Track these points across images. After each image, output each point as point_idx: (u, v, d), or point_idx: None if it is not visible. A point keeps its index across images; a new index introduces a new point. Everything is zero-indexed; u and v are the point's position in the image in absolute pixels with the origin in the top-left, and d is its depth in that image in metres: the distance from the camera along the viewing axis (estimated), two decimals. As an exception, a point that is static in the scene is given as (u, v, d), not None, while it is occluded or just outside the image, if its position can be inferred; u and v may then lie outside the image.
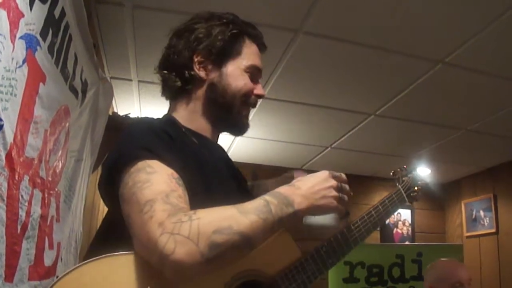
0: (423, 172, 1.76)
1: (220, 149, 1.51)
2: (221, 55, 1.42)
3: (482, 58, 3.13)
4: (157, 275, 1.02)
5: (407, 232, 6.13)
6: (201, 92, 1.43)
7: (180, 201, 1.06)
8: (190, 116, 1.43)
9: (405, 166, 1.79)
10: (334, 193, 1.27)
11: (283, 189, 1.21)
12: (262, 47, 1.53)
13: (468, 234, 5.86)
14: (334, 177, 1.30)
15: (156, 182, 1.08)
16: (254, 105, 1.49)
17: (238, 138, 4.70)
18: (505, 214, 5.39)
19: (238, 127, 1.49)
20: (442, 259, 2.80)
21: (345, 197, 1.31)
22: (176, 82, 1.44)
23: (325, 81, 3.55)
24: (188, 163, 1.22)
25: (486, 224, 5.61)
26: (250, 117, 1.52)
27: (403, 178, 1.72)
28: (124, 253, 1.06)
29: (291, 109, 4.04)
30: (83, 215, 2.63)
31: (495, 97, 3.71)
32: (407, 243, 5.92)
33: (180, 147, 1.25)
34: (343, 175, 1.35)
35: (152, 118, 1.34)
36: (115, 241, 1.08)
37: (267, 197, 1.16)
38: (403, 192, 1.63)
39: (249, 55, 1.45)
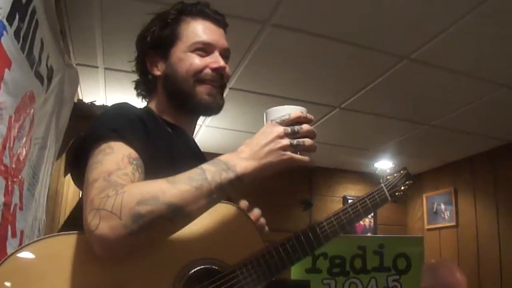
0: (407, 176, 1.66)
1: (192, 140, 1.51)
2: (163, 47, 1.42)
3: (446, 56, 3.19)
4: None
5: (370, 224, 6.22)
6: (161, 87, 1.44)
7: (122, 179, 1.04)
8: (163, 110, 1.44)
9: (393, 165, 1.68)
10: (282, 142, 1.13)
11: (224, 156, 1.13)
12: (210, 17, 1.46)
13: (429, 227, 5.99)
14: (281, 123, 1.16)
15: (106, 162, 1.07)
16: (214, 81, 1.40)
17: (204, 128, 4.70)
18: (465, 208, 5.53)
19: (203, 107, 1.41)
20: (439, 260, 2.80)
21: (304, 141, 1.15)
22: (143, 84, 1.49)
23: (292, 73, 3.57)
24: (159, 150, 1.23)
25: (446, 217, 5.74)
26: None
27: (388, 177, 1.59)
28: (70, 233, 1.06)
29: (257, 100, 4.05)
30: (47, 203, 2.59)
31: (458, 93, 3.80)
32: (369, 234, 6.01)
33: (153, 134, 1.25)
34: (296, 113, 1.18)
35: (129, 104, 1.32)
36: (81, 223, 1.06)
37: (204, 165, 1.09)
38: (386, 190, 1.50)
39: (190, 34, 1.41)
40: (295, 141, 1.14)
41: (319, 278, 4.64)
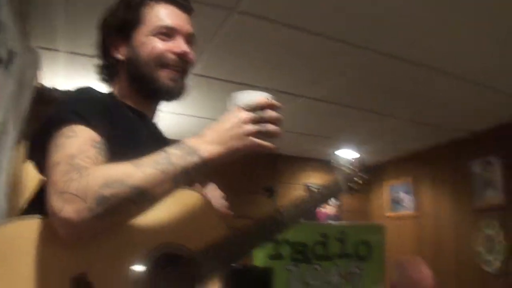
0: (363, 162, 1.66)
1: (155, 125, 1.50)
2: (126, 31, 1.40)
3: (410, 48, 3.23)
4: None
5: (333, 212, 6.29)
6: (124, 72, 1.42)
7: (86, 162, 1.03)
8: (125, 95, 1.42)
9: (352, 158, 1.65)
10: (247, 128, 1.14)
11: (189, 139, 1.14)
12: (175, 2, 1.44)
13: (391, 215, 6.09)
14: (247, 108, 1.17)
15: (68, 145, 1.06)
16: (177, 66, 1.40)
17: (166, 114, 4.66)
18: (426, 197, 5.65)
19: (165, 92, 1.39)
20: (406, 256, 2.86)
21: (268, 126, 1.17)
22: (105, 69, 1.47)
23: (257, 61, 3.57)
24: (122, 134, 1.22)
25: (407, 206, 5.85)
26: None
27: (342, 168, 1.60)
28: (34, 216, 1.05)
29: (222, 87, 4.04)
30: (6, 189, 2.54)
31: (418, 85, 3.86)
32: (331, 222, 6.07)
33: (116, 118, 1.24)
34: (262, 99, 1.20)
35: (94, 88, 1.31)
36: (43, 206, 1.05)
37: (169, 148, 1.10)
38: (343, 182, 1.52)
39: (153, 18, 1.39)
40: (259, 127, 1.15)
41: (282, 264, 4.68)
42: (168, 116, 4.76)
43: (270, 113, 1.18)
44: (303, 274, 4.71)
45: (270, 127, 1.17)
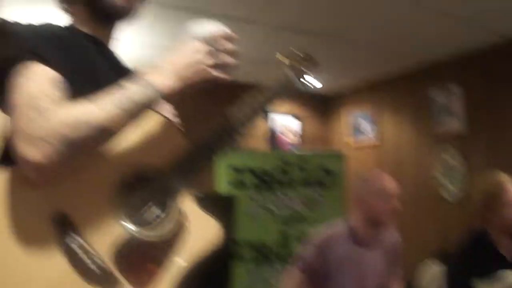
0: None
1: (113, 53, 1.45)
2: None
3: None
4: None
5: (294, 141, 6.32)
6: None
7: (48, 103, 1.03)
8: (82, 22, 1.36)
9: (294, 50, 1.54)
10: (204, 60, 1.15)
11: (147, 74, 1.14)
12: None
13: (353, 144, 6.16)
14: (205, 41, 1.17)
15: (30, 87, 1.05)
16: None
17: (126, 43, 4.54)
18: (386, 126, 5.73)
19: (115, 9, 1.33)
20: (369, 171, 2.85)
21: (224, 58, 1.18)
22: None
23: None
24: (81, 68, 1.20)
25: (369, 135, 5.92)
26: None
27: (293, 62, 1.49)
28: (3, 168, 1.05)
29: (177, 14, 3.94)
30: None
31: (380, 12, 3.83)
32: (294, 151, 6.12)
33: (74, 51, 1.21)
34: (218, 30, 1.19)
35: (51, 23, 1.26)
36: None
37: (128, 84, 1.10)
38: (292, 75, 1.46)
39: None
40: (216, 59, 1.16)
41: (245, 192, 4.73)
42: (125, 44, 4.63)
43: (227, 45, 1.19)
44: (266, 201, 4.78)
45: (226, 58, 1.18)
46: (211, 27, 1.19)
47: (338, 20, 4.07)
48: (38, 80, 1.07)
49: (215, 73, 1.17)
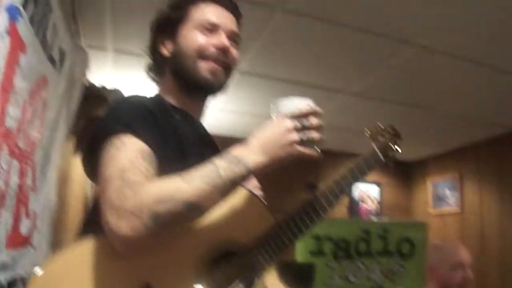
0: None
1: (201, 125, 1.52)
2: (172, 28, 1.44)
3: (453, 43, 3.19)
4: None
5: (374, 209, 6.25)
6: (168, 68, 1.46)
7: (137, 176, 1.06)
8: (170, 93, 1.45)
9: (380, 125, 1.63)
10: (292, 137, 1.15)
11: (235, 150, 1.15)
12: (221, 2, 1.47)
13: (434, 212, 6.00)
14: (292, 117, 1.18)
15: (120, 159, 1.09)
16: (218, 59, 1.40)
17: (212, 111, 4.71)
18: (470, 194, 5.54)
19: (204, 83, 1.40)
20: (444, 240, 2.83)
21: (312, 134, 1.18)
22: (154, 67, 1.51)
23: (302, 58, 3.57)
24: (168, 139, 1.24)
25: (451, 203, 5.76)
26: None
27: (378, 137, 1.57)
28: (91, 236, 1.09)
29: (266, 84, 4.07)
30: (56, 183, 2.63)
31: (462, 79, 3.80)
32: (373, 218, 6.04)
33: (162, 124, 1.26)
34: (305, 106, 1.20)
35: (139, 95, 1.34)
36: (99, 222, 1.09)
37: (216, 160, 1.12)
38: (378, 151, 1.49)
39: (199, 14, 1.43)
40: (303, 135, 1.17)
41: (324, 261, 4.68)
42: (213, 113, 4.81)
43: (314, 121, 1.19)
44: (345, 271, 4.70)
45: (313, 134, 1.18)
46: (298, 103, 1.20)
47: (423, 89, 4.08)
48: (128, 153, 1.10)
49: (302, 149, 1.16)
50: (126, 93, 1.85)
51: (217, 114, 4.85)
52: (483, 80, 3.77)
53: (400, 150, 1.59)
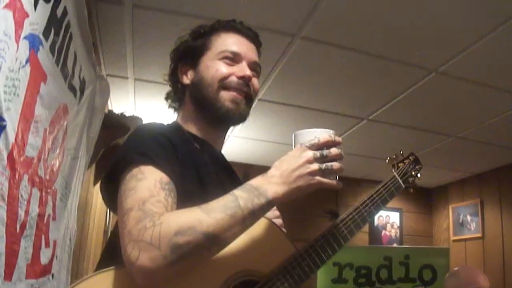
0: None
1: (220, 154, 1.52)
2: (193, 56, 1.46)
3: (474, 69, 3.18)
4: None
5: (395, 235, 6.18)
6: (189, 96, 1.47)
7: (156, 207, 1.06)
8: (189, 121, 1.46)
9: (401, 152, 1.66)
10: (312, 167, 1.15)
11: (255, 180, 1.15)
12: (242, 32, 1.50)
13: (455, 238, 5.92)
14: (311, 147, 1.18)
15: (139, 189, 1.09)
16: (239, 89, 1.42)
17: (232, 138, 4.72)
18: (491, 220, 5.46)
19: (225, 113, 1.40)
20: (462, 265, 2.79)
21: (332, 164, 1.17)
22: (174, 94, 1.54)
23: (321, 85, 3.58)
24: (187, 168, 1.25)
25: (472, 228, 5.67)
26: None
27: (399, 164, 1.60)
28: (110, 268, 1.09)
29: (285, 111, 4.08)
30: (77, 212, 2.63)
31: (484, 105, 3.78)
32: (395, 245, 5.97)
33: (181, 153, 1.26)
34: (325, 137, 1.19)
35: (158, 123, 1.35)
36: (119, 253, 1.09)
37: (236, 191, 1.12)
38: (398, 178, 1.50)
39: (220, 44, 1.45)
40: (323, 166, 1.16)
41: (345, 288, 4.62)
42: (231, 140, 4.82)
43: (334, 151, 1.19)
44: (367, 298, 4.63)
45: (334, 165, 1.18)
46: (319, 134, 1.20)
47: (443, 115, 4.06)
48: (148, 183, 1.10)
49: (322, 180, 1.16)
50: (147, 120, 1.87)
51: (234, 141, 4.86)
52: (504, 105, 3.74)
53: (420, 176, 1.61)
